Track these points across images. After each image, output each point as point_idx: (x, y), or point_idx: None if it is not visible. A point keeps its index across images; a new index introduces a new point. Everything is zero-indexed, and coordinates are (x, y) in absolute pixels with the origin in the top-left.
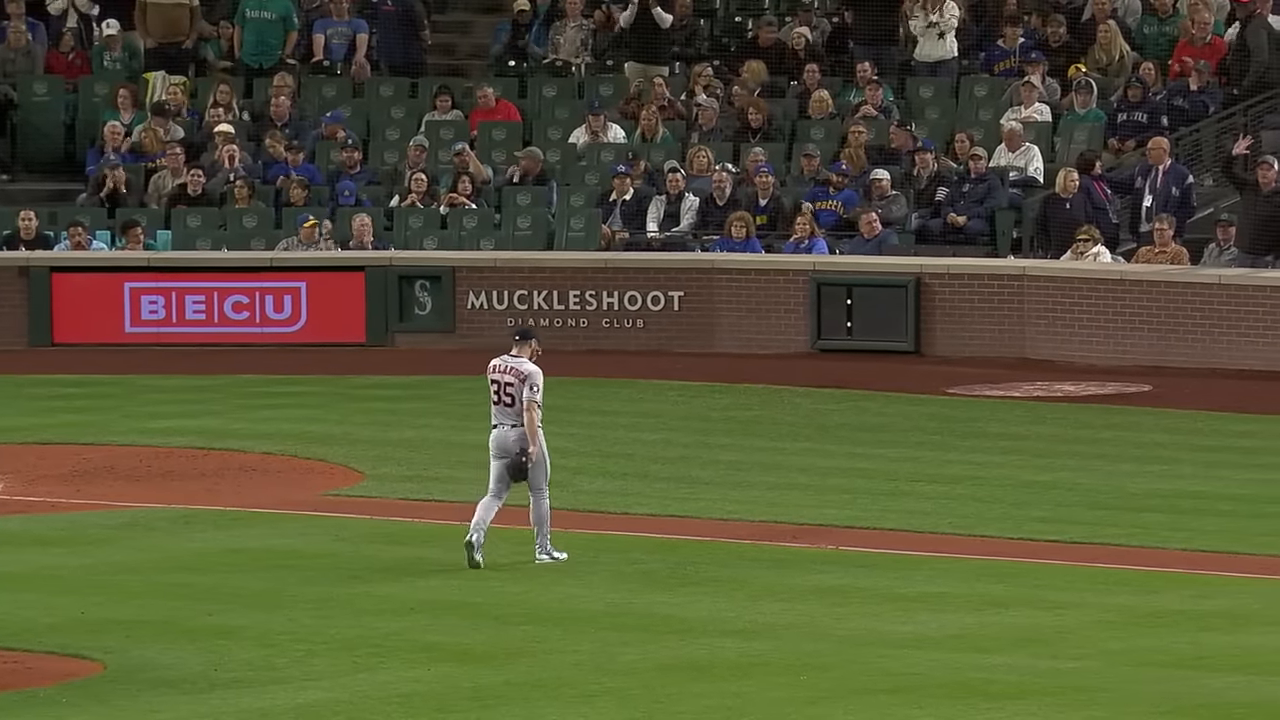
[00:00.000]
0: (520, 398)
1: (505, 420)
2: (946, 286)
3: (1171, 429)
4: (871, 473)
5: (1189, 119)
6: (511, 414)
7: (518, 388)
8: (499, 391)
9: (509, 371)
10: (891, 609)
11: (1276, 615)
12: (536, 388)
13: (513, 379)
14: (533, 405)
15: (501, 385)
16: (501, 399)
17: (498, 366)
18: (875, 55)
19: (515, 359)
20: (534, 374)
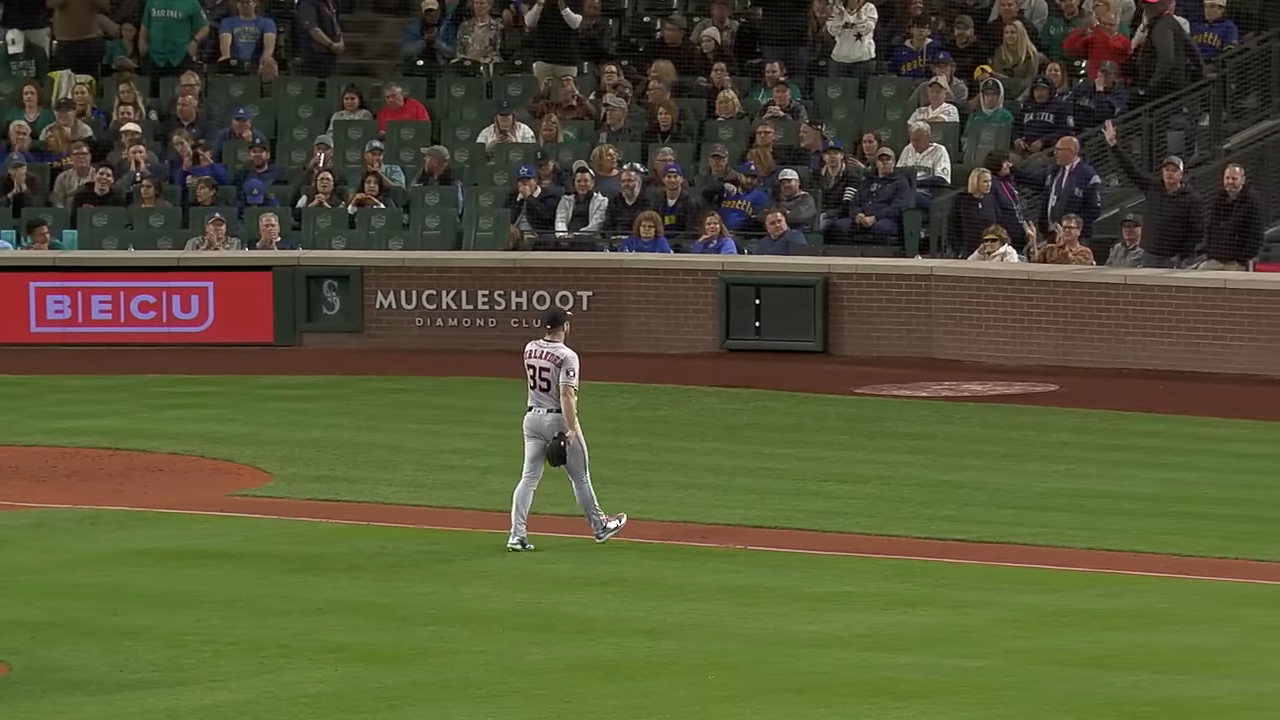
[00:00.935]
0: (556, 382)
1: (541, 404)
2: (854, 286)
3: (1078, 428)
4: (779, 473)
5: (1095, 119)
6: (548, 398)
7: (554, 372)
8: (534, 376)
9: (544, 356)
10: (799, 608)
11: (1181, 614)
12: (572, 372)
13: (548, 363)
14: (569, 390)
15: (537, 370)
16: (537, 383)
17: (533, 351)
18: (784, 56)
19: (550, 344)
20: (570, 358)
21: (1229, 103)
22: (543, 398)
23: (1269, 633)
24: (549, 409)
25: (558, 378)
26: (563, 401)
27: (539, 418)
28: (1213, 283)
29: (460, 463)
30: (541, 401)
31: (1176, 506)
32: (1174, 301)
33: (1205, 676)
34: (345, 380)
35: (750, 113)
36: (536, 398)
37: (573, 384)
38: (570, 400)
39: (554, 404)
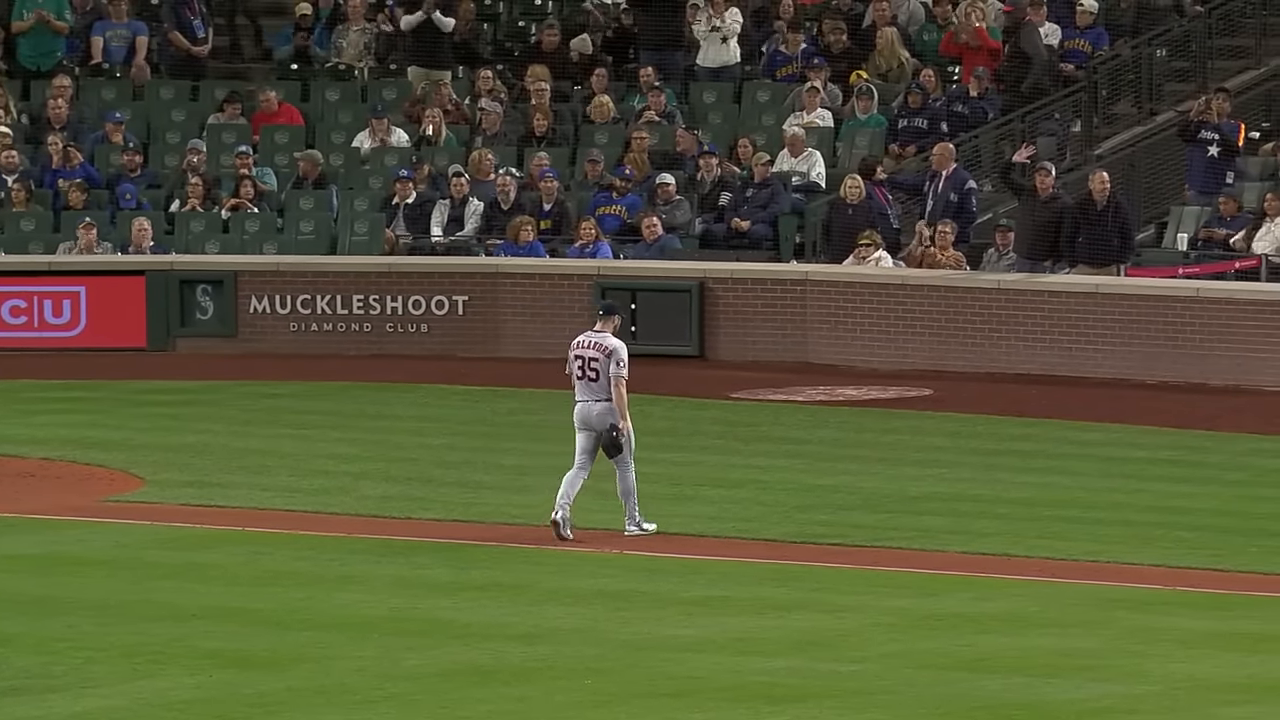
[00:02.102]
0: (605, 372)
1: (589, 395)
2: (730, 291)
3: (952, 432)
4: (655, 477)
5: (969, 125)
6: (596, 389)
7: (603, 362)
8: (583, 366)
9: (593, 346)
10: (675, 613)
11: (1054, 617)
12: (623, 362)
13: (597, 354)
14: (620, 381)
15: (586, 360)
16: (586, 374)
17: (581, 342)
18: (659, 60)
19: (599, 334)
20: (619, 349)
21: (1101, 108)
22: (591, 388)
23: (1140, 635)
24: (597, 399)
25: (607, 368)
26: (614, 392)
27: (588, 409)
28: (1085, 288)
29: (334, 468)
30: (590, 393)
31: (1049, 510)
32: (1046, 306)
33: (1077, 679)
34: (219, 385)
35: (625, 117)
36: (584, 389)
37: (623, 374)
38: (622, 390)
39: (602, 394)
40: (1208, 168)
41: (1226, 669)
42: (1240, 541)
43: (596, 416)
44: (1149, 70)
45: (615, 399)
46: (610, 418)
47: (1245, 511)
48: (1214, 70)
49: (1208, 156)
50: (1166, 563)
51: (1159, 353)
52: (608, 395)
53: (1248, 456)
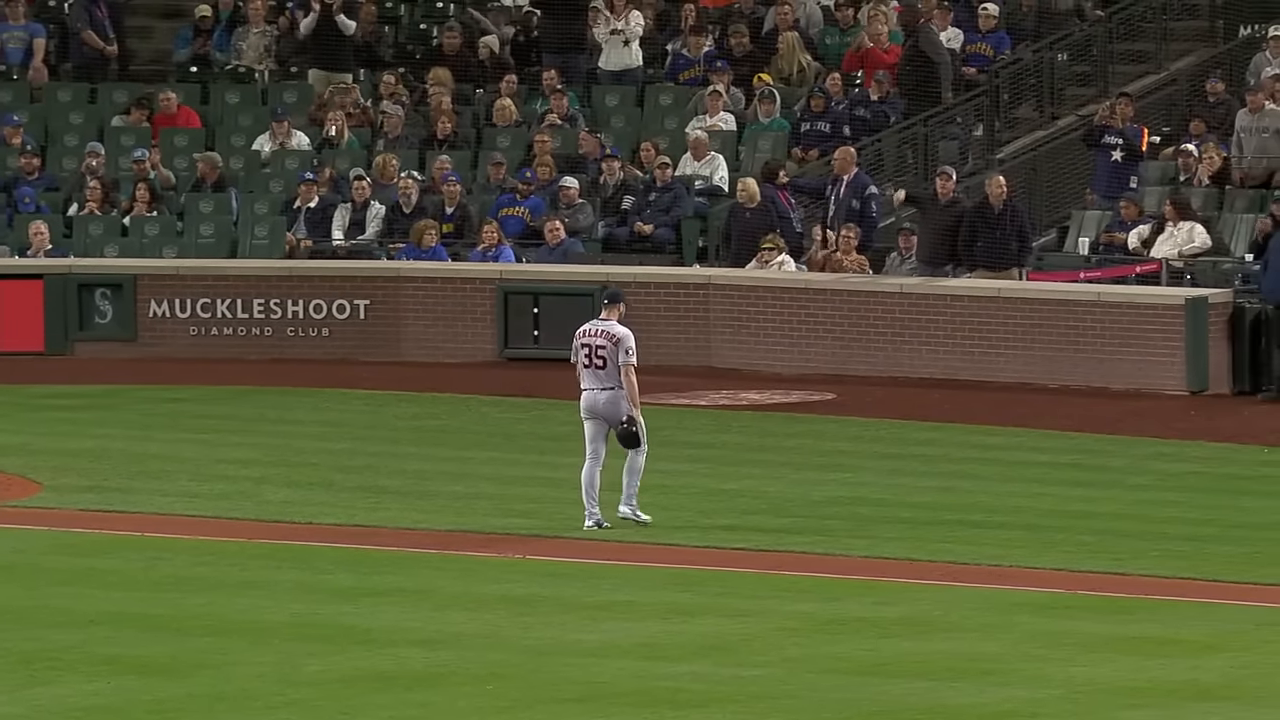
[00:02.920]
0: (611, 360)
1: (596, 383)
2: (633, 295)
3: (855, 437)
4: (559, 482)
5: (871, 129)
6: (602, 376)
7: (610, 350)
8: (590, 355)
9: (599, 334)
10: (578, 618)
11: (955, 622)
12: (631, 350)
13: (604, 341)
14: (630, 368)
15: (593, 348)
16: (593, 361)
17: (588, 330)
18: (562, 63)
19: (605, 322)
20: (626, 336)
21: (1003, 113)
22: (598, 376)
23: (1042, 639)
24: (604, 387)
25: (615, 355)
26: (625, 380)
27: (594, 397)
28: (987, 292)
29: (235, 473)
30: (597, 381)
31: (951, 514)
32: (949, 311)
33: (979, 684)
34: (118, 390)
35: (528, 120)
36: (590, 377)
37: (633, 361)
38: (633, 378)
39: (608, 382)
40: (1111, 172)
41: (1127, 673)
42: (1142, 545)
43: (603, 404)
44: (1050, 74)
45: (626, 387)
46: (616, 406)
47: (1146, 515)
48: (1115, 75)
49: (1111, 161)
50: (1068, 567)
51: (1061, 357)
52: (614, 383)
53: (1149, 460)
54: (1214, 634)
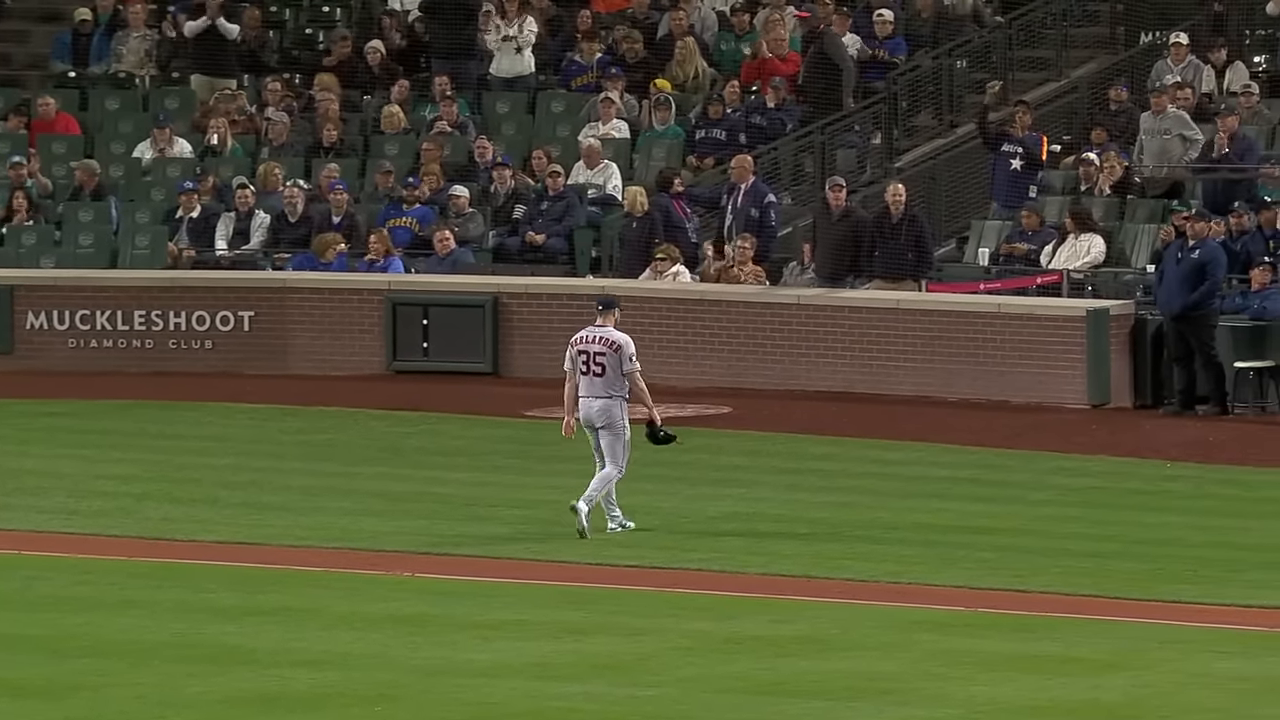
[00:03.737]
0: (611, 368)
1: (591, 392)
2: (525, 306)
3: (751, 451)
4: (449, 497)
5: (768, 136)
6: (600, 385)
7: (610, 358)
8: (588, 362)
9: (598, 341)
10: (469, 637)
11: (854, 640)
12: (633, 356)
13: (604, 349)
14: (636, 375)
15: (591, 355)
16: (591, 369)
17: (585, 337)
18: (452, 69)
19: (602, 328)
20: (627, 343)
21: (901, 120)
22: (595, 384)
23: (941, 658)
24: (598, 396)
25: (616, 363)
26: (635, 389)
27: (589, 405)
28: (885, 303)
29: (115, 489)
30: (593, 389)
31: (850, 530)
32: (847, 322)
33: (878, 703)
34: None
35: (417, 128)
36: (588, 385)
37: (638, 368)
38: (642, 383)
39: (606, 390)
40: (1011, 181)
41: (1028, 692)
42: (1043, 562)
43: (596, 413)
44: (949, 81)
45: (637, 394)
46: (609, 414)
47: (1047, 531)
48: (1015, 82)
49: (1011, 170)
50: (968, 584)
51: (960, 370)
52: (610, 391)
53: (1050, 475)
54: (1115, 652)
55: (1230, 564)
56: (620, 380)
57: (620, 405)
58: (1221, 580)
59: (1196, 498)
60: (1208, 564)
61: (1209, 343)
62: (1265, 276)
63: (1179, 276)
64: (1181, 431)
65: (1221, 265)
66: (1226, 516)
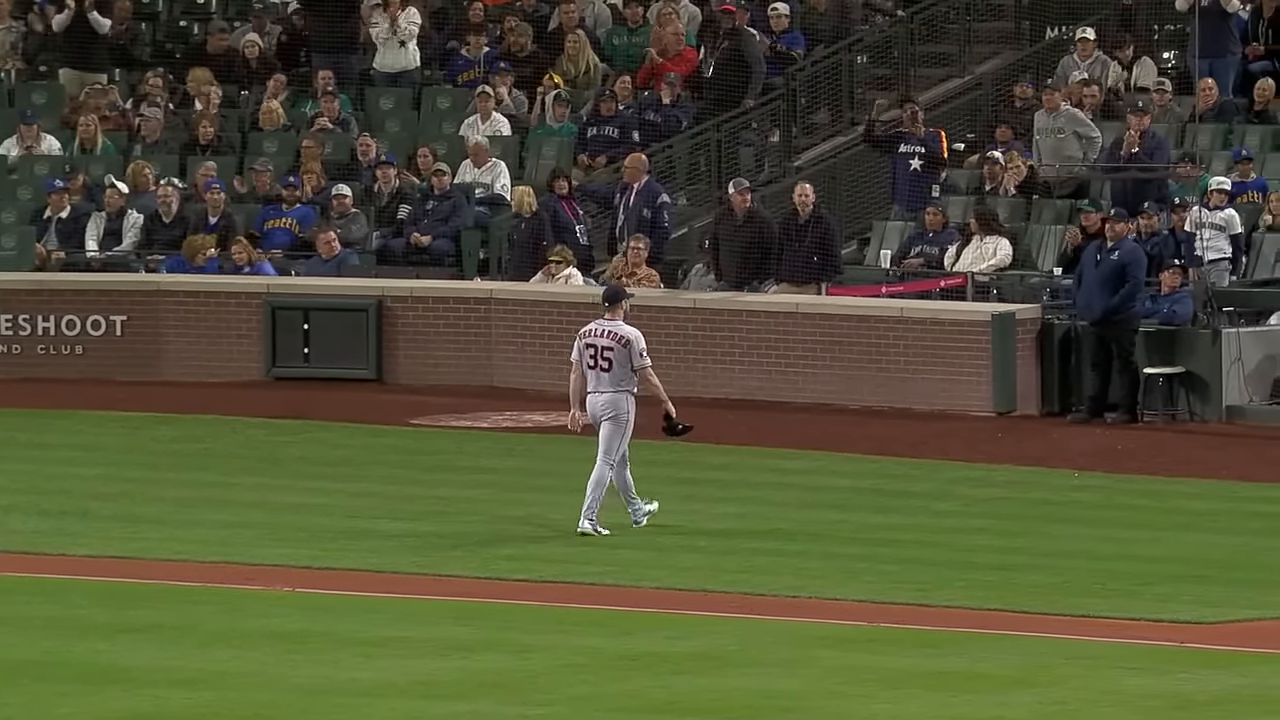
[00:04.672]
0: (619, 362)
1: (597, 386)
2: (410, 310)
3: (646, 460)
4: (331, 509)
5: (662, 134)
6: (607, 379)
7: (618, 351)
8: (595, 355)
9: (605, 335)
10: (352, 655)
11: (753, 656)
12: (644, 351)
13: (611, 343)
14: (646, 370)
15: (599, 349)
16: (599, 363)
17: (593, 330)
18: (333, 63)
19: (610, 322)
20: (636, 338)
21: (800, 118)
22: (601, 379)
23: (843, 675)
24: (604, 391)
25: (625, 358)
26: (647, 384)
27: (594, 400)
28: (784, 307)
29: None
30: (599, 383)
31: (748, 543)
32: (745, 327)
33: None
34: None
35: (296, 124)
36: (595, 379)
37: (648, 362)
38: (654, 378)
39: (613, 385)
40: (912, 181)
41: (932, 709)
42: (947, 575)
43: (601, 407)
44: (849, 77)
45: (650, 389)
46: (615, 408)
47: (952, 543)
48: (917, 78)
49: (910, 170)
50: (871, 598)
51: (862, 376)
52: (616, 386)
53: (955, 485)
54: (1022, 668)
55: (1139, 577)
56: (628, 375)
57: (627, 399)
58: (1130, 593)
59: (1105, 508)
60: (1116, 576)
61: (1129, 348)
62: (1176, 279)
63: (1099, 279)
64: (1090, 440)
65: (1143, 266)
66: (1135, 528)
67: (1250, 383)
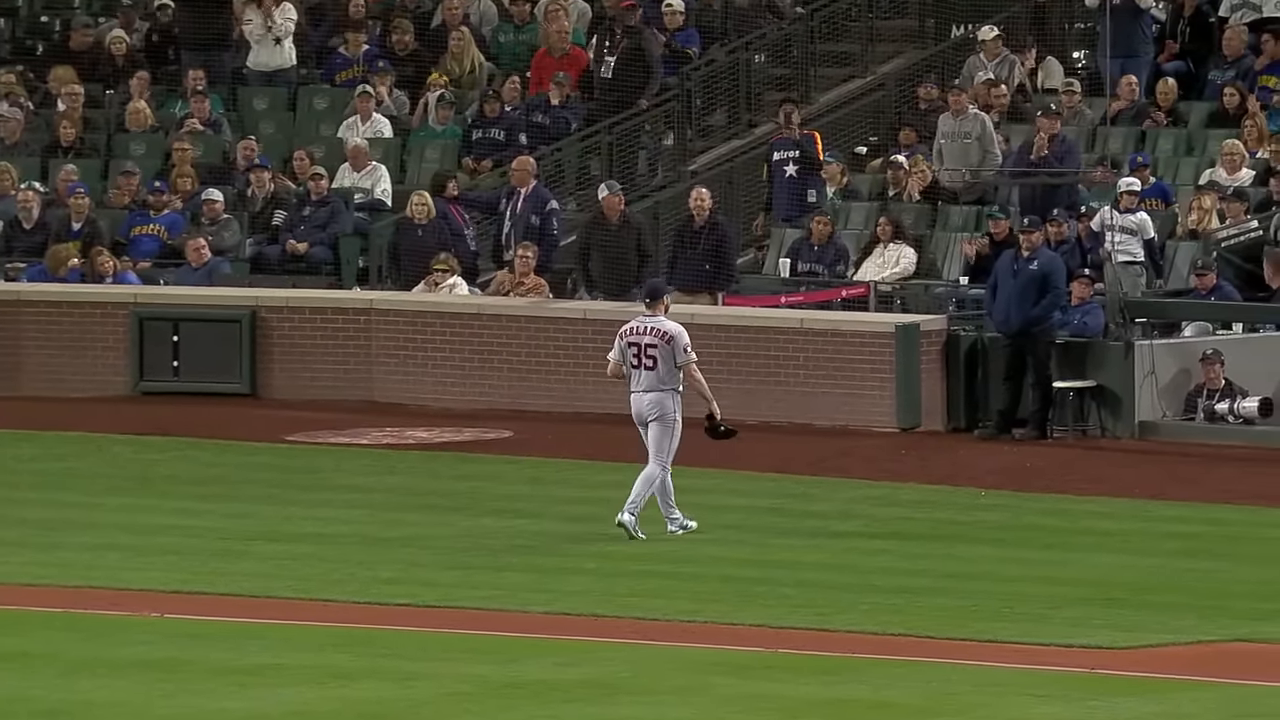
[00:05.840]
0: (664, 359)
1: (642, 385)
2: (286, 321)
3: (533, 479)
4: (202, 531)
5: (550, 137)
6: (652, 378)
7: (663, 349)
8: (639, 354)
9: (650, 332)
10: (225, 684)
11: (646, 684)
12: (688, 348)
13: (655, 340)
14: (692, 367)
15: (643, 347)
16: (643, 362)
17: (635, 328)
18: (204, 62)
19: (652, 318)
20: (680, 334)
21: (695, 119)
22: (647, 378)
23: (740, 703)
24: (647, 389)
25: (670, 355)
26: (692, 382)
27: (639, 400)
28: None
29: None
30: (644, 383)
31: (641, 565)
32: None
33: None
34: None
35: (165, 126)
36: (639, 379)
37: (694, 358)
38: (699, 375)
39: (659, 384)
40: (789, 189)
41: None
42: (849, 598)
43: (647, 406)
44: (746, 78)
45: (695, 387)
46: (661, 406)
47: (853, 565)
48: (817, 79)
49: (787, 177)
50: (768, 623)
51: (760, 390)
52: (662, 384)
53: (857, 504)
54: (927, 695)
55: (1048, 600)
56: (673, 373)
57: (673, 398)
58: (1039, 617)
59: (1013, 528)
60: (1024, 600)
61: (1046, 361)
62: (1086, 290)
63: (1018, 290)
64: (997, 457)
65: (1064, 275)
66: (1044, 549)
67: (1164, 397)
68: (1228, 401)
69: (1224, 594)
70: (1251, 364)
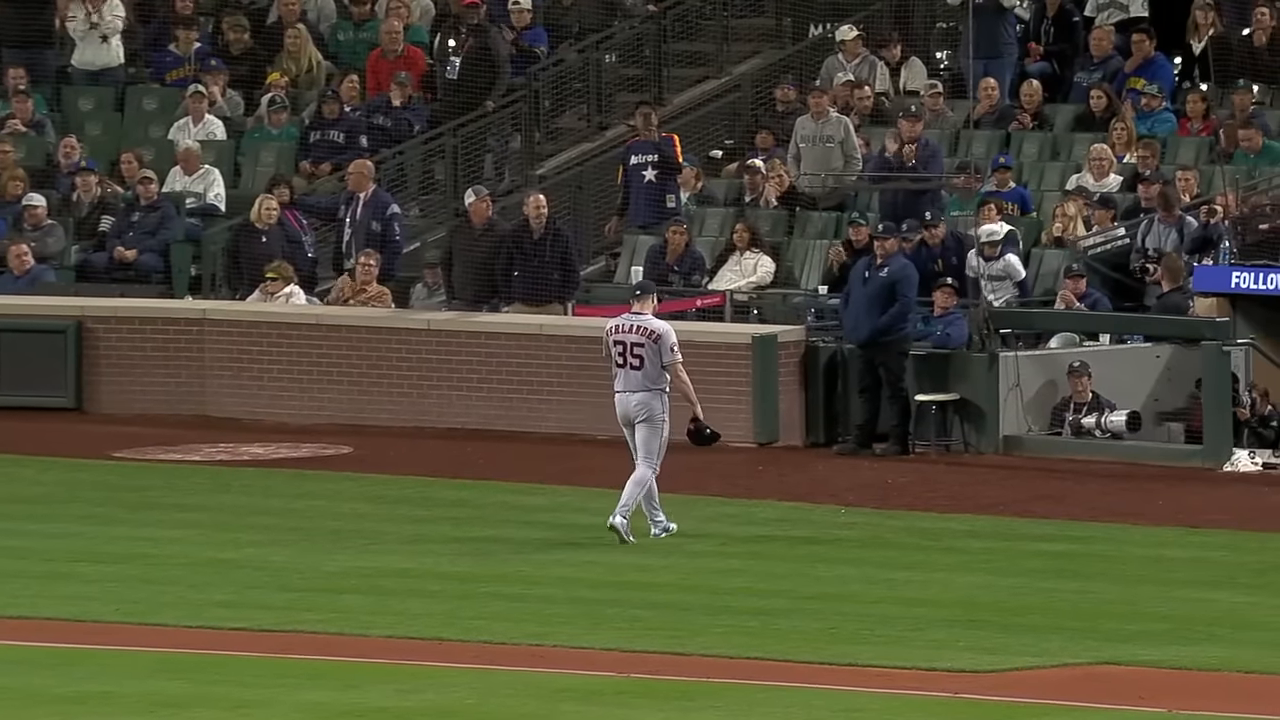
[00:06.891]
0: (650, 359)
1: (627, 385)
2: (113, 332)
3: (375, 497)
4: (23, 552)
5: (392, 139)
6: (638, 378)
7: (648, 348)
8: (624, 353)
9: (635, 330)
10: (47, 713)
11: (491, 711)
12: (674, 346)
13: (641, 338)
14: (678, 367)
15: (628, 346)
16: (629, 360)
17: (620, 326)
18: (27, 60)
19: (639, 316)
20: (667, 332)
21: (543, 121)
22: (632, 378)
23: None
24: (634, 390)
25: (655, 355)
26: (677, 382)
27: (626, 401)
28: (527, 329)
29: None
30: (630, 383)
31: (487, 586)
32: (484, 350)
33: None
34: None
35: None
36: (625, 379)
37: (679, 358)
38: (685, 376)
39: (645, 384)
40: (647, 194)
41: None
42: (704, 620)
43: (634, 408)
44: (597, 78)
45: (680, 388)
46: (648, 408)
47: (710, 586)
48: (671, 79)
49: (645, 182)
50: (620, 646)
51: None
52: (649, 385)
53: (711, 522)
54: None
55: (910, 621)
56: (660, 372)
57: (660, 398)
58: (901, 640)
59: (874, 547)
60: (886, 621)
61: (899, 373)
62: (949, 300)
63: (867, 298)
64: (858, 473)
65: (913, 285)
66: (906, 568)
67: (1029, 411)
68: (1095, 415)
69: (1091, 614)
70: (1120, 376)
